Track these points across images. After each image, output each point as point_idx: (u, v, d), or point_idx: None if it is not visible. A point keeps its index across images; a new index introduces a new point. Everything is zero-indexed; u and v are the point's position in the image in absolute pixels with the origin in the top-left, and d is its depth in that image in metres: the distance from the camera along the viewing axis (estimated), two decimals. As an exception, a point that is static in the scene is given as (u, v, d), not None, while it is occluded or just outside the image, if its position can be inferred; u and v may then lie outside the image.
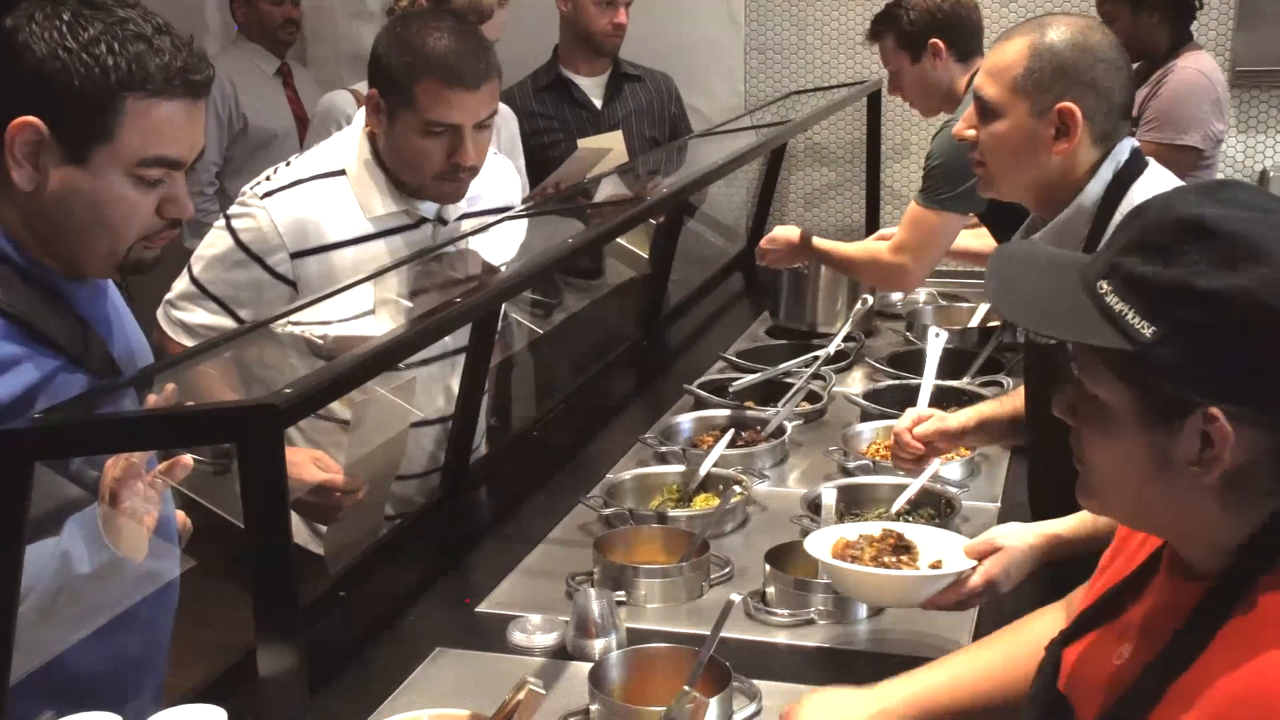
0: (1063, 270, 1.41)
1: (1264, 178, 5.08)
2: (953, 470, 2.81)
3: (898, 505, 2.63)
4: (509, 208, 2.97)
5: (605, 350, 3.98)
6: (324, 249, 2.63)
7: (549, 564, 2.58)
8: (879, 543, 2.19)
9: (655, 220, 3.86)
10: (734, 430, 3.07)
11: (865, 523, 2.38)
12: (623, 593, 2.37)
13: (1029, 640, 1.70)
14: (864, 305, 3.89)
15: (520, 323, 3.26)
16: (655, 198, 3.25)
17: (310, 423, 2.72)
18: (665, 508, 2.76)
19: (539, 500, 2.92)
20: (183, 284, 2.67)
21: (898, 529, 2.23)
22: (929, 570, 2.12)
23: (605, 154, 3.93)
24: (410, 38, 2.57)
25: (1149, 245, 1.30)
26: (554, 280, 3.35)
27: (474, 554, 2.69)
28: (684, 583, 2.41)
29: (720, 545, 2.60)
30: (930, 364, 3.32)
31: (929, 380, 3.27)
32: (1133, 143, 2.25)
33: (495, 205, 2.92)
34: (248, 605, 1.55)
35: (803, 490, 2.78)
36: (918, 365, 3.38)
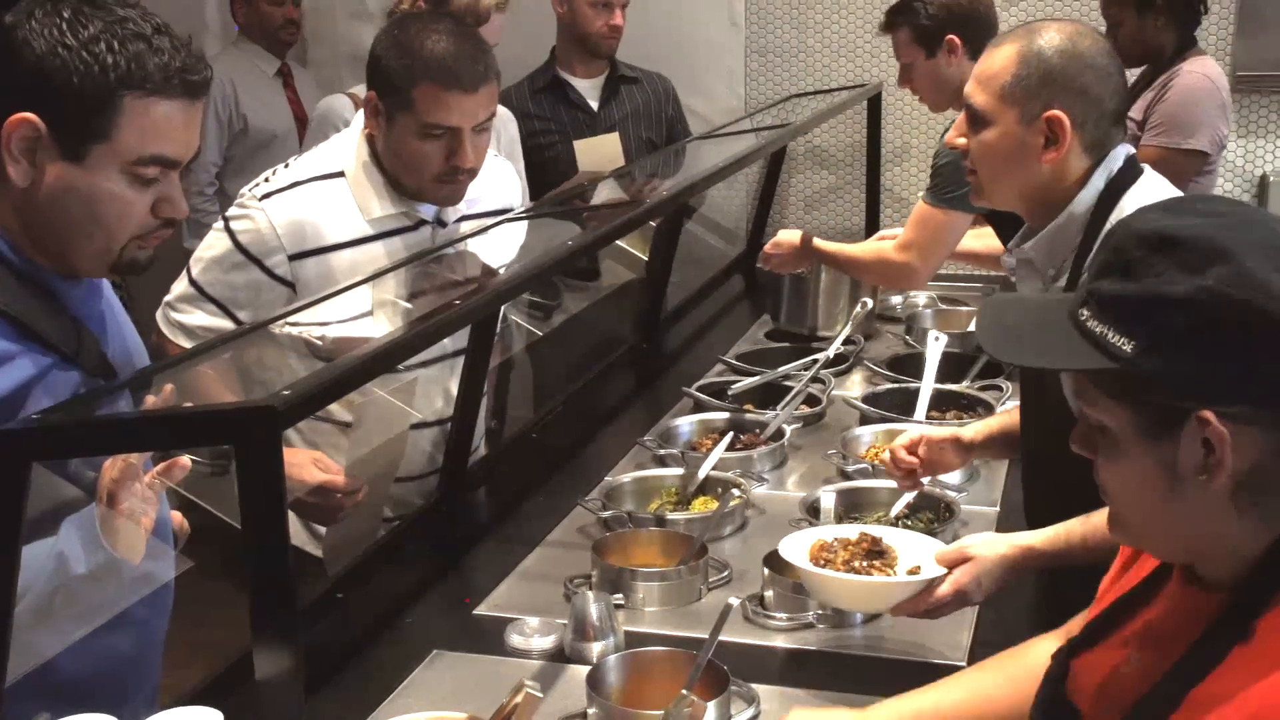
0: (1048, 307, 1.45)
1: (1264, 183, 5.08)
2: (952, 474, 2.81)
3: (896, 509, 2.63)
4: (508, 210, 2.96)
5: (604, 352, 3.98)
6: (322, 251, 2.63)
7: (547, 566, 2.58)
8: (853, 546, 2.20)
9: (655, 223, 3.86)
10: (733, 433, 3.07)
11: (845, 525, 2.38)
12: (621, 596, 2.37)
13: (1027, 665, 1.70)
14: (864, 309, 3.89)
15: (520, 325, 3.26)
16: (655, 200, 3.25)
17: (309, 424, 2.72)
18: (664, 511, 2.75)
19: (537, 502, 2.92)
20: (181, 286, 2.67)
21: (876, 533, 2.23)
22: (896, 577, 2.12)
23: (605, 169, 3.93)
24: (408, 40, 2.57)
25: (1116, 265, 1.34)
26: (553, 282, 3.35)
27: (472, 556, 2.69)
28: (682, 586, 2.41)
29: (719, 548, 2.59)
30: (930, 368, 3.33)
31: (928, 384, 3.28)
32: (1127, 150, 2.22)
33: (495, 207, 2.91)
34: (245, 606, 1.55)
35: (801, 494, 2.78)
36: (917, 369, 3.39)
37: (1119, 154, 2.20)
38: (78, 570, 1.74)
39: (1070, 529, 2.02)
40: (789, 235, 3.74)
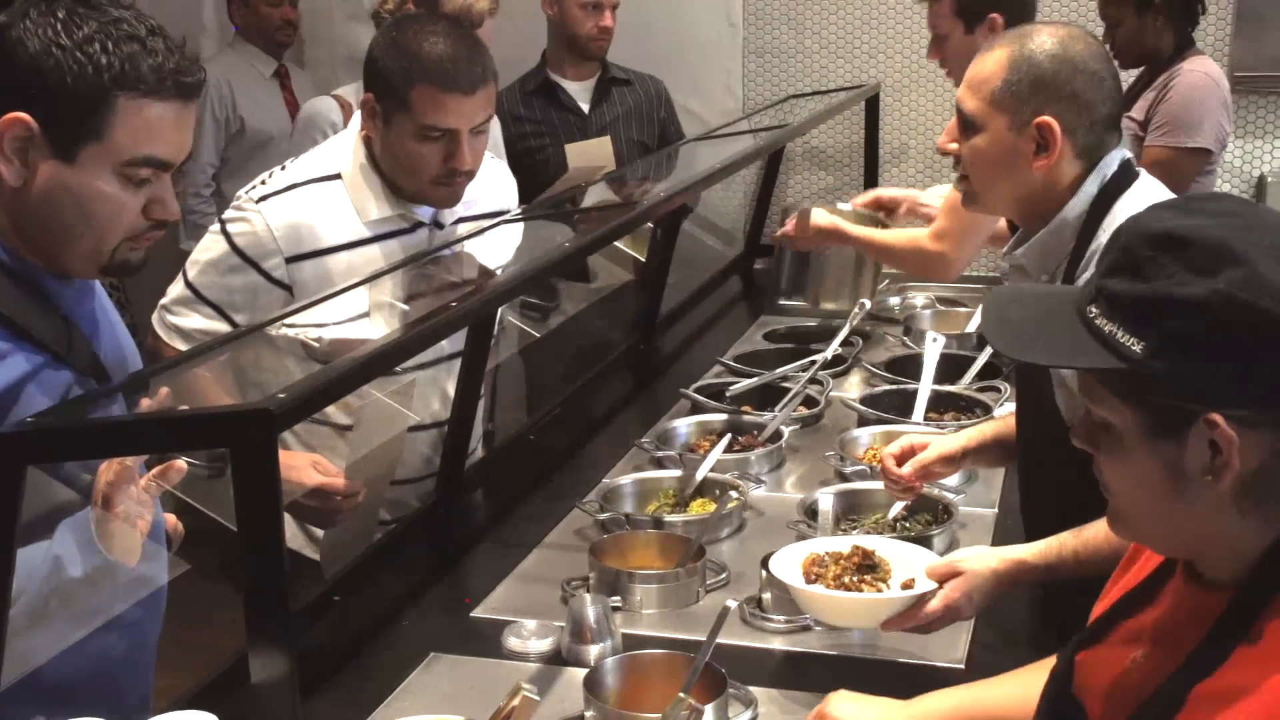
0: (1054, 302, 1.44)
1: (1261, 183, 5.08)
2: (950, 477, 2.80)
3: (894, 511, 2.62)
4: (505, 212, 2.96)
5: (602, 354, 3.97)
6: (319, 253, 2.62)
7: (544, 569, 2.57)
8: (844, 561, 2.17)
9: (653, 224, 3.85)
10: (731, 435, 3.06)
11: (838, 537, 2.35)
12: (618, 598, 2.36)
13: None
14: (861, 309, 3.89)
15: (517, 326, 3.25)
16: (652, 201, 3.25)
17: (306, 427, 2.71)
18: (661, 513, 2.74)
19: (534, 505, 2.91)
20: (178, 289, 2.66)
21: (868, 545, 2.20)
22: (887, 592, 2.10)
23: (596, 171, 3.91)
24: (406, 42, 2.56)
25: (1126, 264, 1.33)
26: (551, 284, 3.35)
27: (469, 558, 2.69)
28: (680, 588, 2.40)
29: (716, 551, 2.59)
30: (928, 369, 3.32)
31: (926, 385, 3.28)
32: (1122, 154, 2.19)
33: (491, 209, 2.91)
34: (241, 609, 1.55)
35: (800, 495, 2.77)
36: (915, 370, 3.39)
37: (1113, 159, 2.18)
38: (73, 573, 1.74)
39: (1062, 542, 2.01)
40: (822, 218, 3.61)
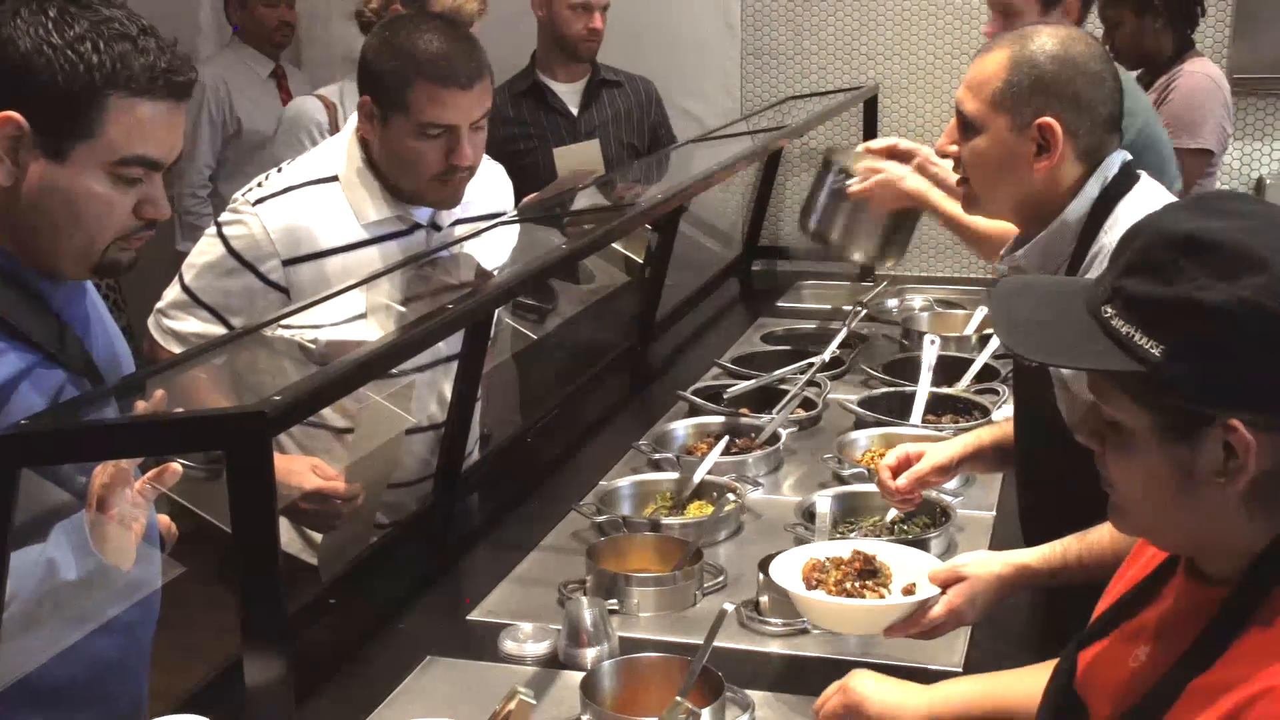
0: (1065, 298, 1.43)
1: (1260, 185, 5.07)
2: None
3: (892, 514, 2.61)
4: (502, 213, 2.95)
5: (599, 356, 3.96)
6: (317, 256, 2.61)
7: (541, 572, 2.56)
8: (845, 566, 2.15)
9: (650, 226, 3.84)
10: (728, 437, 3.06)
11: (838, 542, 2.33)
12: (615, 601, 2.36)
13: None
14: (859, 311, 3.88)
15: (514, 328, 3.24)
16: (650, 203, 3.24)
17: (302, 429, 2.70)
18: (659, 515, 2.74)
19: (531, 507, 2.91)
20: (174, 292, 2.65)
21: (869, 550, 2.18)
22: (889, 599, 2.08)
23: (586, 175, 3.90)
24: (401, 41, 2.56)
25: (1146, 265, 1.32)
26: (548, 286, 3.34)
27: (466, 561, 2.68)
28: (677, 591, 2.39)
29: (714, 553, 2.58)
30: (925, 371, 3.32)
31: (924, 387, 3.27)
32: (1123, 156, 2.18)
33: (488, 210, 2.90)
34: (236, 611, 1.54)
35: (797, 498, 2.77)
36: (913, 372, 3.38)
37: (1114, 161, 2.17)
38: (68, 576, 1.73)
39: (1066, 546, 2.00)
40: (915, 183, 3.27)
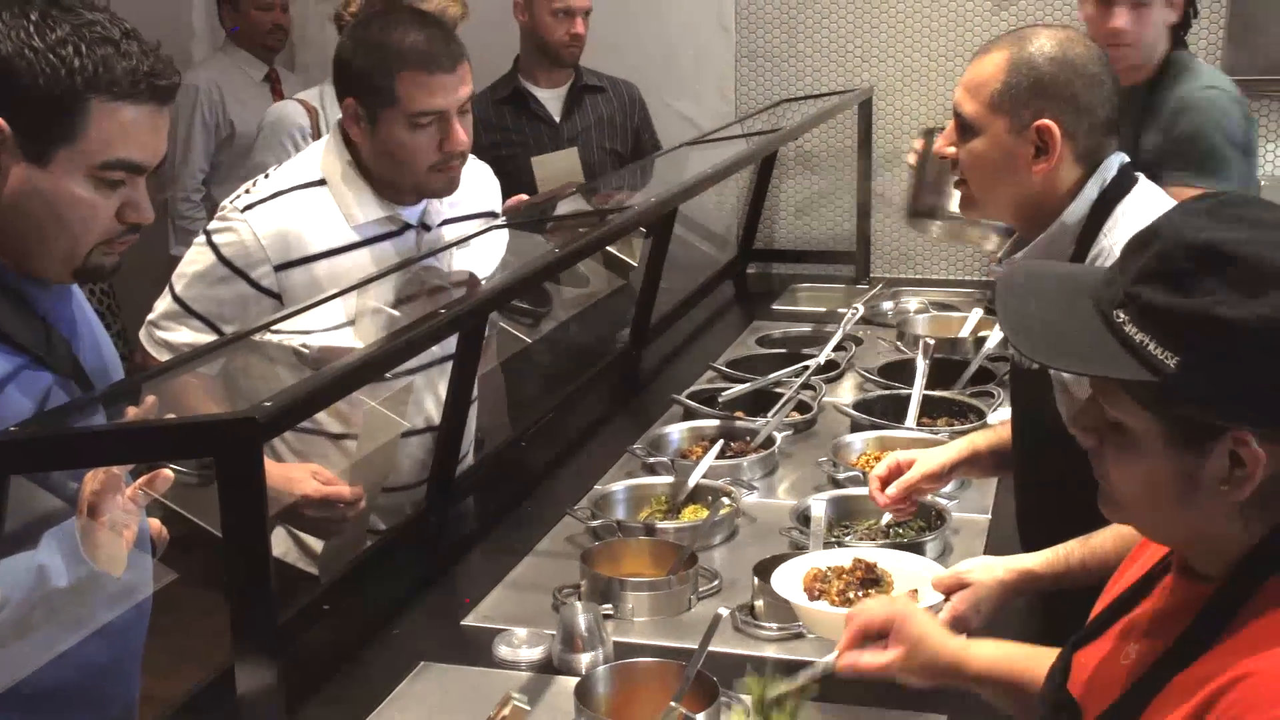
0: (1073, 298, 1.41)
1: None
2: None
3: (887, 518, 2.61)
4: (489, 212, 2.96)
5: (594, 360, 3.96)
6: (308, 260, 2.61)
7: (536, 576, 2.56)
8: (847, 575, 2.14)
9: (644, 229, 3.84)
10: (723, 441, 3.05)
11: (839, 550, 2.31)
12: (610, 606, 2.35)
13: None
14: (854, 314, 3.88)
15: (508, 332, 3.24)
16: (644, 206, 3.23)
17: (295, 435, 2.69)
18: (653, 520, 2.73)
19: (526, 512, 2.90)
20: (165, 303, 2.64)
21: (870, 558, 2.17)
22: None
23: (567, 186, 3.89)
24: (379, 37, 2.57)
25: (1164, 273, 1.30)
26: (542, 289, 3.33)
27: (460, 566, 2.67)
28: (672, 596, 2.39)
29: (709, 558, 2.58)
30: (920, 374, 3.31)
31: (919, 390, 3.26)
32: (1121, 158, 2.18)
33: (476, 210, 2.90)
34: (228, 616, 1.53)
35: (792, 502, 2.76)
36: (908, 375, 3.38)
37: (1113, 163, 2.16)
38: (58, 583, 1.72)
39: (1069, 551, 1.99)
40: None
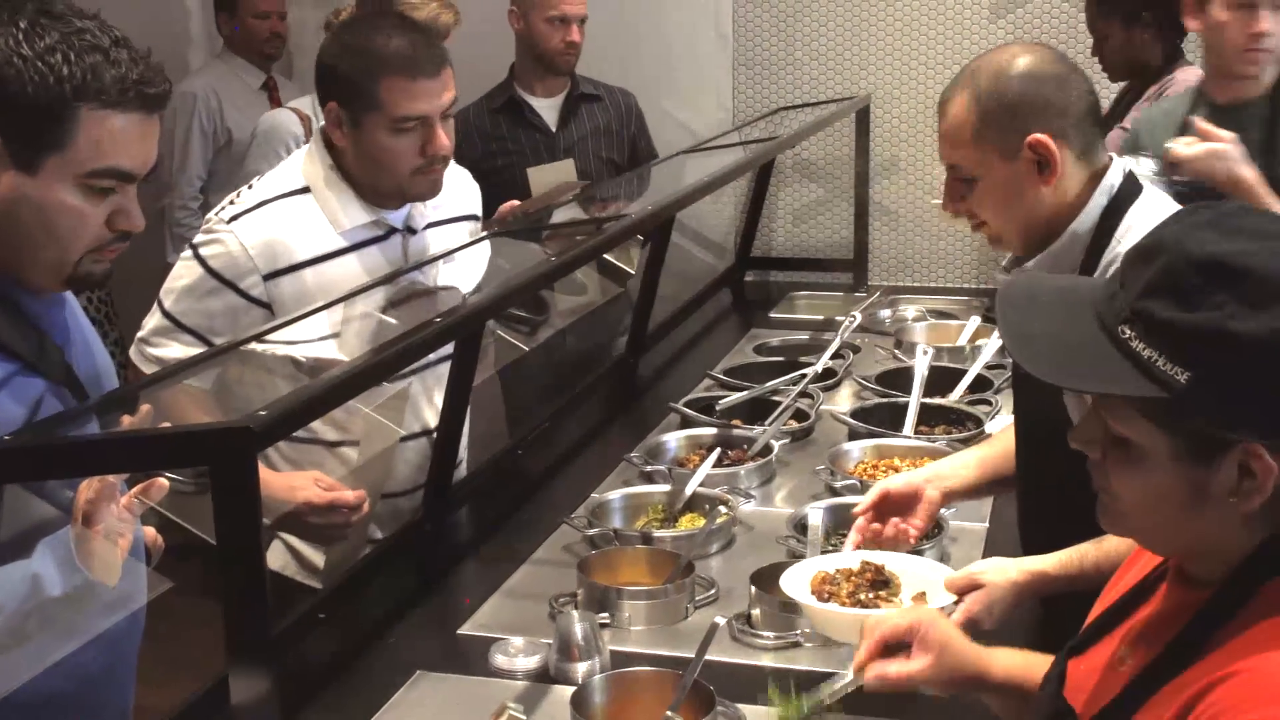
0: (1075, 312, 1.40)
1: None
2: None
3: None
4: (471, 215, 2.96)
5: (591, 368, 3.96)
6: (296, 268, 2.60)
7: (532, 585, 2.55)
8: (856, 577, 2.13)
9: (642, 237, 3.84)
10: (720, 449, 3.05)
11: (846, 554, 2.27)
12: (607, 615, 2.34)
13: None
14: (852, 321, 3.87)
15: (505, 340, 3.23)
16: (642, 214, 3.23)
17: (290, 444, 2.68)
18: (650, 528, 2.73)
19: (522, 520, 2.89)
20: (154, 320, 2.62)
21: (878, 560, 2.16)
22: (904, 608, 2.04)
23: (573, 187, 3.88)
24: (362, 42, 2.58)
25: (1170, 288, 1.30)
26: (539, 297, 3.33)
27: (456, 575, 2.67)
28: (668, 605, 2.38)
29: (706, 566, 2.57)
30: (918, 382, 3.31)
31: (917, 398, 3.26)
32: (1124, 165, 2.18)
33: (459, 213, 2.91)
34: (223, 626, 1.53)
35: (789, 510, 2.76)
36: (906, 383, 3.37)
37: (1117, 170, 2.16)
38: (53, 592, 1.71)
39: (1083, 553, 1.98)
40: (1248, 171, 2.96)
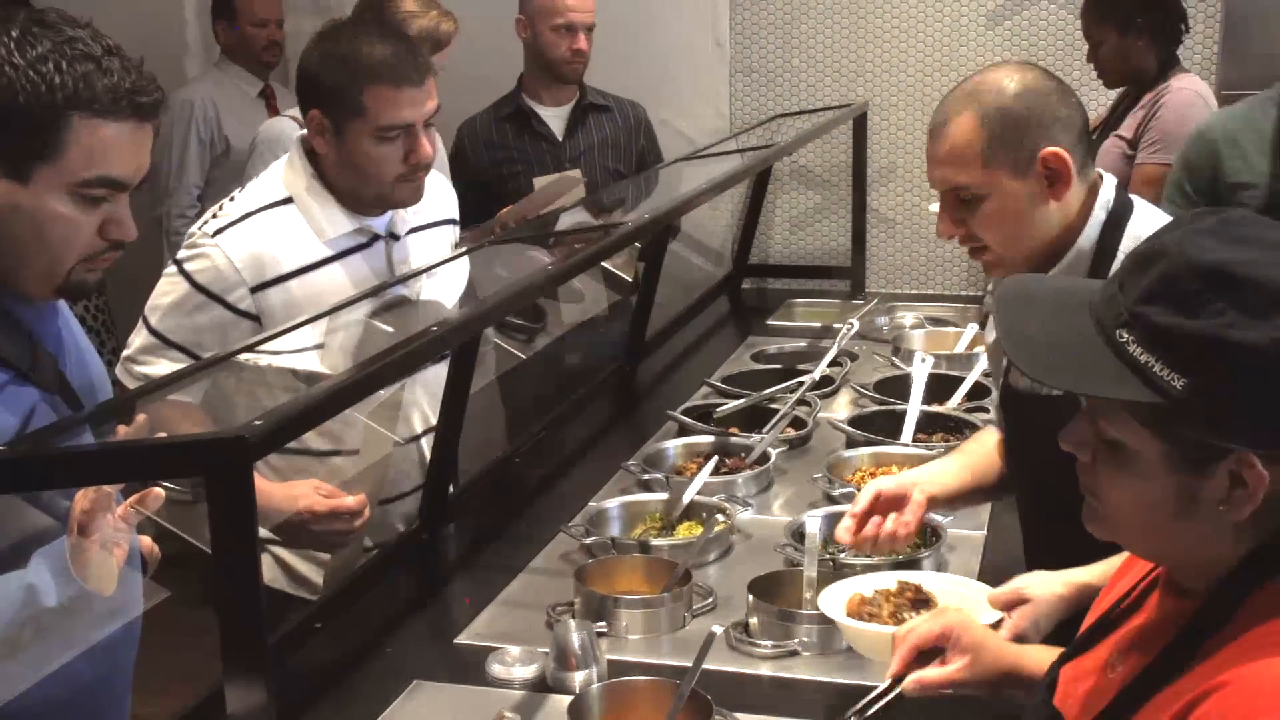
0: (1072, 314, 1.39)
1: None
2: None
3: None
4: (449, 220, 2.96)
5: (588, 376, 3.95)
6: (283, 279, 2.59)
7: (529, 594, 2.55)
8: (896, 598, 2.09)
9: (639, 244, 3.83)
10: (718, 457, 3.04)
11: (879, 574, 2.23)
12: (604, 624, 2.34)
13: None
14: (849, 329, 3.87)
15: (502, 348, 3.23)
16: (639, 222, 3.23)
17: (280, 456, 2.66)
18: (648, 536, 2.72)
19: (519, 529, 2.89)
20: (141, 337, 2.60)
21: (915, 580, 2.12)
22: None
23: (564, 191, 3.87)
24: (346, 50, 2.57)
25: (1170, 295, 1.29)
26: (537, 305, 3.32)
27: (453, 584, 2.66)
28: (666, 613, 2.38)
29: (703, 575, 2.57)
30: (916, 389, 3.31)
31: (915, 406, 3.26)
32: (1113, 179, 2.17)
33: (438, 218, 2.91)
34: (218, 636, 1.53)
35: (787, 518, 2.75)
36: (904, 391, 3.37)
37: (1109, 184, 2.15)
38: (48, 603, 1.70)
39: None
40: None
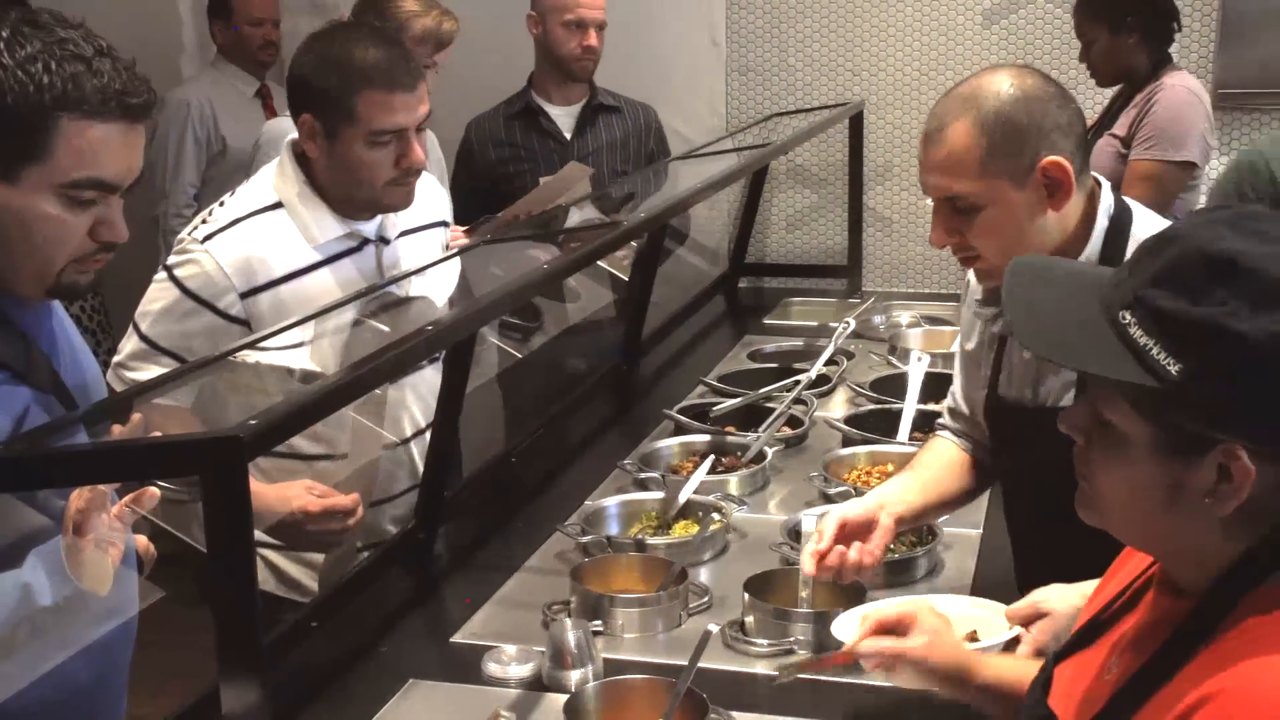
0: (1080, 293, 1.39)
1: (1245, 199, 5.07)
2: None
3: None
4: (440, 223, 2.96)
5: (584, 375, 3.95)
6: (273, 284, 2.59)
7: (525, 593, 2.55)
8: None
9: (635, 243, 3.83)
10: (714, 456, 3.04)
11: (893, 599, 2.14)
12: (600, 622, 2.34)
13: None
14: (846, 328, 3.87)
15: (499, 347, 3.23)
16: (635, 221, 3.23)
17: (268, 460, 2.66)
18: (644, 535, 2.72)
19: (515, 528, 2.89)
20: (131, 344, 2.59)
21: (930, 603, 2.04)
22: (979, 643, 1.97)
23: (568, 188, 3.86)
24: (338, 54, 2.56)
25: (1176, 279, 1.29)
26: (533, 304, 3.33)
27: (449, 583, 2.66)
28: (662, 612, 2.38)
29: (699, 574, 2.57)
30: (913, 388, 3.31)
31: (911, 405, 3.26)
32: (1108, 183, 2.15)
33: (429, 220, 2.90)
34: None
35: (783, 517, 2.75)
36: (900, 389, 3.37)
37: (1107, 190, 2.14)
38: (43, 602, 1.71)
39: None
40: None
